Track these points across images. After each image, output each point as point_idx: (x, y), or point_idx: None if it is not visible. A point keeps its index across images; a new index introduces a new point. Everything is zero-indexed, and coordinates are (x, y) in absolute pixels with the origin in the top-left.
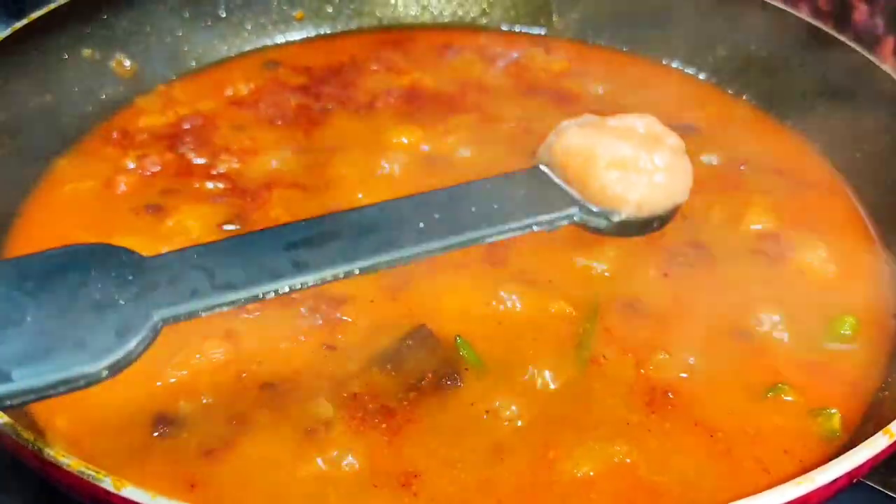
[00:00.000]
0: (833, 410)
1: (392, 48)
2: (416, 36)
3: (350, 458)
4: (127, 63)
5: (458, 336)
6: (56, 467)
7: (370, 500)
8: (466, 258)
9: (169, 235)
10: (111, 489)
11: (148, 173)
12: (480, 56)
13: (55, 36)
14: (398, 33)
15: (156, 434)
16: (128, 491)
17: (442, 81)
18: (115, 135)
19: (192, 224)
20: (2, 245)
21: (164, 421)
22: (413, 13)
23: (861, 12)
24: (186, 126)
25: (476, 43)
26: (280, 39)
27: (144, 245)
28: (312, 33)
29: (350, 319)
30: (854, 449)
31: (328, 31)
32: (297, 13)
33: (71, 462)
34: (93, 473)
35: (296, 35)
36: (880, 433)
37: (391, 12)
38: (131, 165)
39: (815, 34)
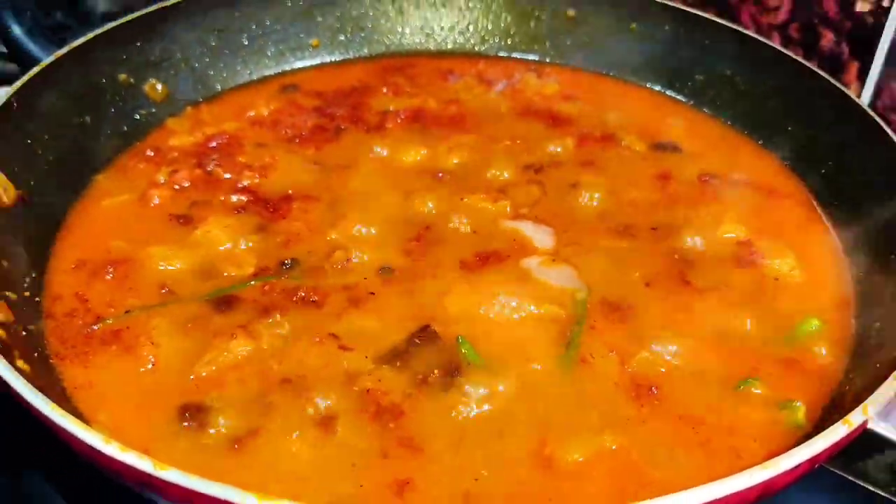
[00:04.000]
0: (798, 403)
1: (399, 73)
2: (420, 62)
3: (361, 447)
4: (159, 87)
5: (460, 336)
6: (102, 454)
7: (379, 479)
8: (466, 264)
9: (198, 243)
10: (153, 472)
11: (178, 188)
12: (479, 80)
13: (93, 62)
14: (404, 60)
15: (187, 424)
16: (168, 473)
17: (444, 104)
18: (148, 152)
19: (219, 233)
20: (49, 253)
21: (195, 411)
22: (418, 41)
23: (828, 39)
24: (213, 144)
25: (475, 69)
26: (297, 65)
27: (175, 253)
28: (327, 59)
29: (362, 322)
30: (815, 437)
31: (341, 58)
32: (313, 41)
33: (116, 447)
34: (136, 457)
35: (311, 61)
36: (840, 423)
37: (398, 40)
38: (163, 180)
39: (784, 60)
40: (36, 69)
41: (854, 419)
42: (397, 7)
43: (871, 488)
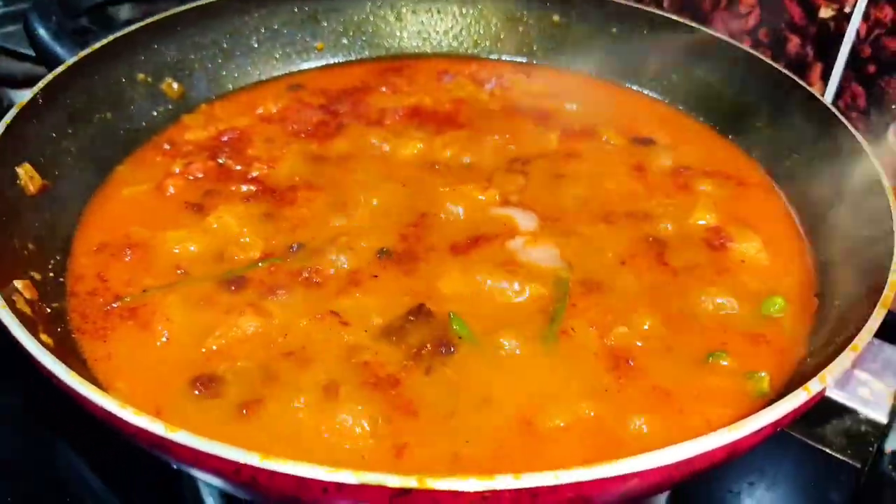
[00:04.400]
0: (763, 374)
1: (397, 74)
2: (417, 64)
3: (361, 414)
4: (175, 86)
5: (452, 312)
6: (118, 418)
7: (378, 443)
8: (459, 247)
9: (210, 229)
10: (164, 434)
11: (192, 178)
12: (472, 80)
13: (114, 63)
14: (402, 61)
15: (198, 392)
16: (178, 435)
17: (440, 102)
18: (165, 146)
19: (229, 219)
20: (72, 237)
21: (206, 381)
22: (415, 44)
23: (794, 43)
24: (225, 139)
25: (468, 69)
26: (303, 66)
27: (189, 237)
28: (331, 61)
29: (362, 300)
30: (777, 402)
31: (343, 60)
32: (318, 44)
33: (130, 412)
34: (148, 421)
35: (316, 62)
36: (800, 389)
37: (397, 43)
38: (178, 171)
39: (753, 61)
40: (60, 68)
41: (813, 387)
42: (396, 13)
43: (828, 451)
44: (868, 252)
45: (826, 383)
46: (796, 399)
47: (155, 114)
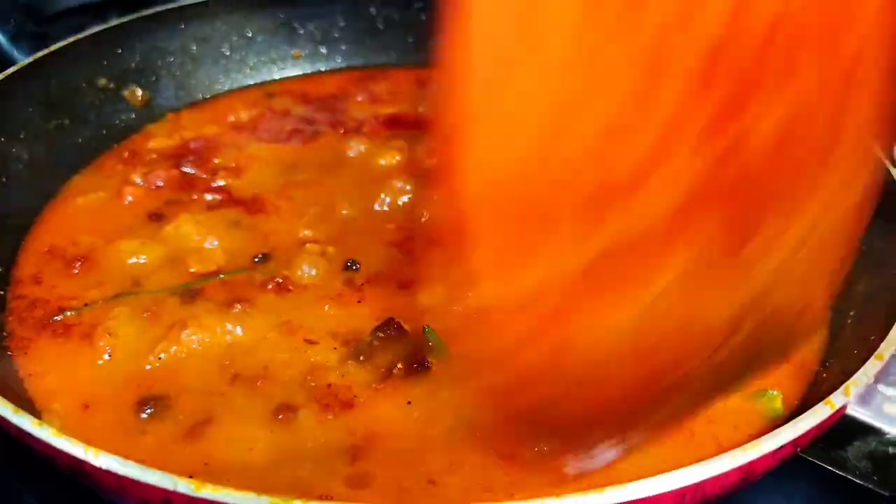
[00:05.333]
0: (775, 392)
1: (377, 82)
2: (399, 73)
3: (321, 439)
4: (139, 93)
5: (426, 326)
6: (35, 438)
7: (339, 470)
8: (441, 259)
9: (168, 238)
10: (84, 457)
11: (153, 187)
12: None
13: (73, 66)
14: (383, 70)
15: (143, 415)
16: (101, 459)
17: (423, 110)
18: (125, 155)
19: (189, 229)
20: (20, 247)
21: (151, 401)
22: (396, 54)
23: None
24: (191, 147)
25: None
26: (278, 75)
27: (143, 247)
28: (308, 70)
29: (331, 315)
30: (799, 418)
31: (322, 68)
32: (295, 52)
33: (48, 431)
34: (67, 442)
35: (293, 71)
36: (822, 403)
37: (377, 52)
38: (138, 180)
39: None
40: (12, 69)
41: (836, 400)
42: (378, 20)
43: (851, 478)
44: (886, 259)
45: (850, 396)
46: (819, 414)
47: (117, 122)
